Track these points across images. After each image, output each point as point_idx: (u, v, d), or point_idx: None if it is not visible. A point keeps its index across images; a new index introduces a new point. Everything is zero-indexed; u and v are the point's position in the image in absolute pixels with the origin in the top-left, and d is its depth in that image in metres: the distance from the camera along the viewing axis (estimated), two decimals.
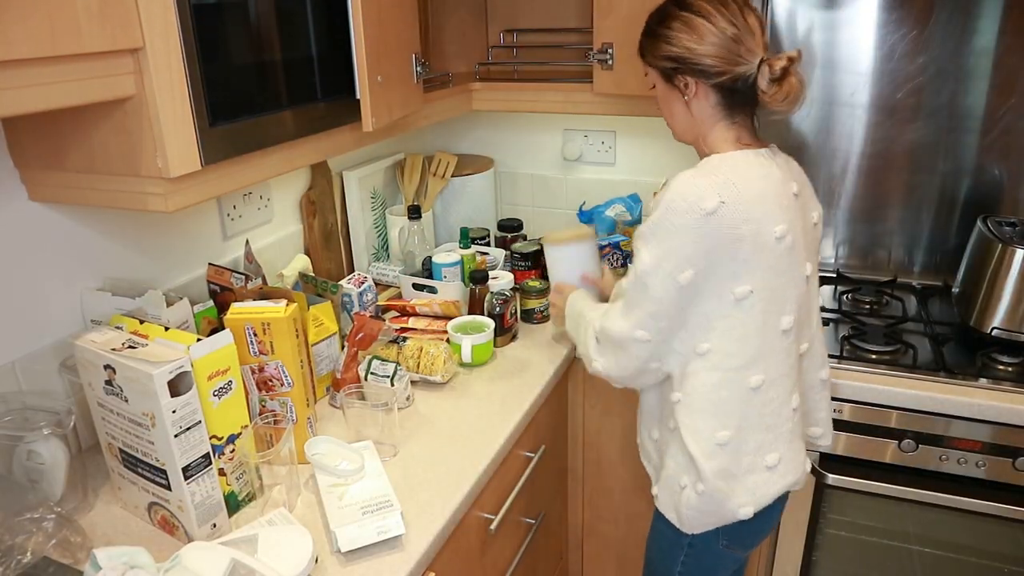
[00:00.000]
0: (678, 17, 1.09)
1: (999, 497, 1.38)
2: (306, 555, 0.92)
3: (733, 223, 1.02)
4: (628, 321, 1.11)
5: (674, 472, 1.16)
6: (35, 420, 1.04)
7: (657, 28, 1.12)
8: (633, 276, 1.09)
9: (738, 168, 1.06)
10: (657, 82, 1.17)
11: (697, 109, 1.13)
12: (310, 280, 1.51)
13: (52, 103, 0.81)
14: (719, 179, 1.03)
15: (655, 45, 1.13)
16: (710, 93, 1.11)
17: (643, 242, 1.07)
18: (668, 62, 1.11)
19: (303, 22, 1.13)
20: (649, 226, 1.07)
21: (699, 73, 1.09)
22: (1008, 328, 1.48)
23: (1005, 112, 1.67)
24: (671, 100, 1.16)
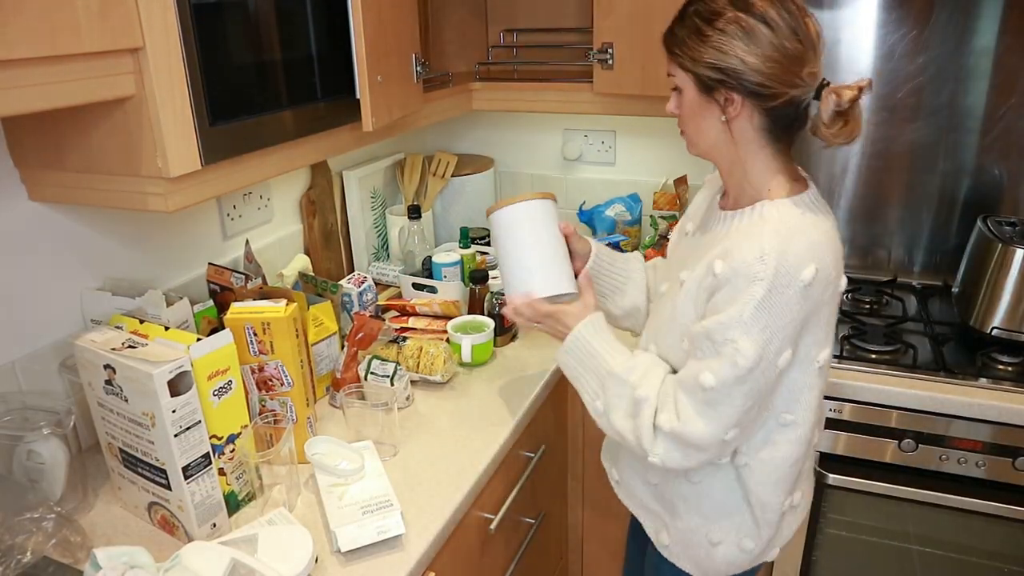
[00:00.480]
0: (734, 19, 0.90)
1: (999, 497, 1.38)
2: (306, 555, 0.92)
3: (823, 290, 0.92)
4: (717, 423, 0.94)
5: (700, 527, 1.08)
6: (35, 420, 1.04)
7: (705, 27, 0.91)
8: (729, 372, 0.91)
9: (818, 225, 0.94)
10: (687, 89, 0.97)
11: (738, 131, 0.96)
12: (310, 280, 1.52)
13: (52, 103, 0.81)
14: (806, 240, 0.91)
15: (698, 48, 0.92)
16: (756, 115, 0.94)
17: (742, 331, 0.89)
18: (713, 72, 0.92)
19: (303, 22, 1.13)
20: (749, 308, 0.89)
21: (749, 92, 0.92)
22: (1008, 328, 1.48)
23: (1005, 112, 1.67)
24: (703, 114, 0.97)
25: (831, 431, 1.48)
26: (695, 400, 0.95)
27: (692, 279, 0.99)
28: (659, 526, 1.16)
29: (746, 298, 0.89)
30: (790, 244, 0.90)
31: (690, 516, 1.09)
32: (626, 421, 1.01)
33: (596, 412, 1.06)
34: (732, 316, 0.90)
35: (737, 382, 0.91)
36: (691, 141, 1.03)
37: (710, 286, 0.95)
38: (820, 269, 0.90)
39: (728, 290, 0.91)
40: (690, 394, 0.95)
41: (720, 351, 0.91)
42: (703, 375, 0.93)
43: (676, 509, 1.11)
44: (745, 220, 0.97)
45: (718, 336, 0.91)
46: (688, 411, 0.95)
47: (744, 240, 0.92)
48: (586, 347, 1.05)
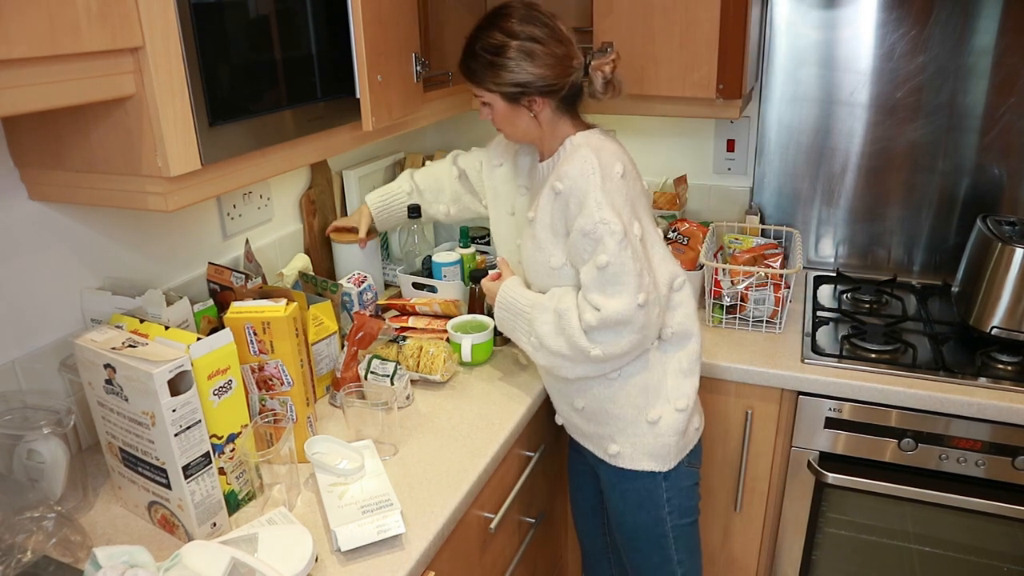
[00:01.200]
0: (516, 47, 1.16)
1: (998, 496, 1.38)
2: (306, 554, 0.92)
3: (634, 181, 1.22)
4: (625, 292, 1.14)
5: (634, 416, 1.25)
6: (35, 419, 1.04)
7: (495, 59, 1.17)
8: (612, 244, 1.12)
9: (611, 140, 1.25)
10: (496, 103, 1.22)
11: (543, 118, 1.23)
12: (310, 279, 1.51)
13: (52, 102, 0.81)
14: (609, 149, 1.20)
15: (496, 74, 1.18)
16: (551, 102, 1.21)
17: (601, 210, 1.13)
18: (513, 87, 1.18)
19: (303, 21, 1.13)
20: (595, 193, 1.13)
21: (544, 92, 1.19)
22: (1007, 327, 1.48)
23: (1004, 111, 1.67)
24: (514, 116, 1.23)
25: (831, 430, 1.48)
26: (601, 285, 1.15)
27: (540, 209, 1.22)
28: (604, 443, 1.30)
29: (590, 188, 1.14)
30: (600, 151, 1.18)
31: (624, 411, 1.26)
32: (558, 337, 1.20)
33: (534, 348, 1.24)
34: (590, 207, 1.14)
35: (620, 247, 1.13)
36: (509, 134, 1.29)
37: (557, 203, 1.19)
38: (625, 166, 1.19)
39: (575, 194, 1.16)
40: (595, 286, 1.15)
41: (597, 235, 1.13)
42: (598, 258, 1.14)
43: (609, 415, 1.26)
44: (562, 153, 1.24)
45: (589, 227, 1.14)
46: (600, 298, 1.15)
47: (567, 160, 1.19)
48: (509, 299, 1.29)
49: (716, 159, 1.94)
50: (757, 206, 1.93)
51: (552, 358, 1.22)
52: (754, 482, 1.60)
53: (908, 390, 1.39)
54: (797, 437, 1.51)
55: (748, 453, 1.57)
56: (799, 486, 1.55)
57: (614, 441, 1.28)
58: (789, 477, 1.55)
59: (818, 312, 1.69)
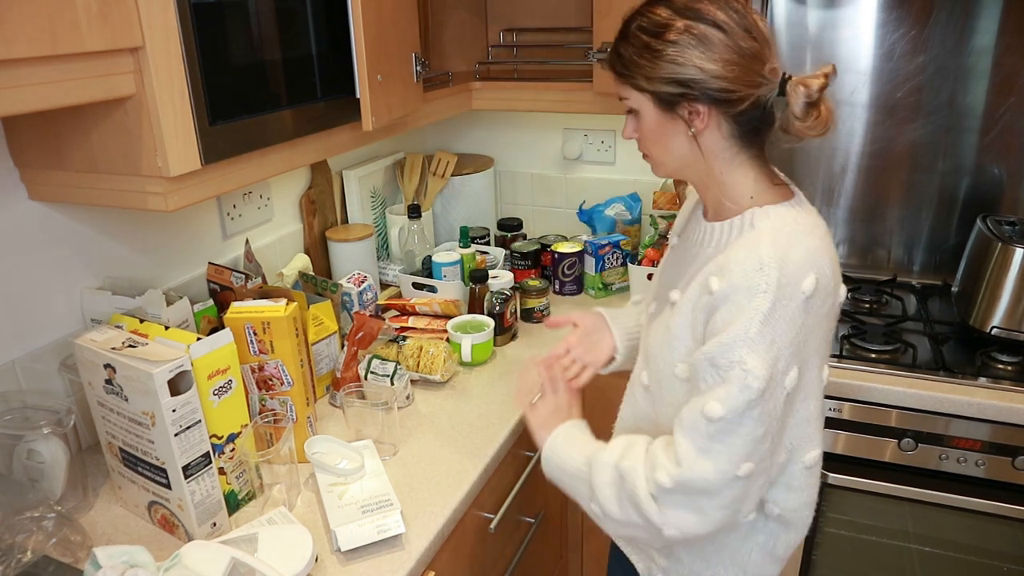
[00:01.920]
0: (684, 28, 0.85)
1: (998, 496, 1.38)
2: (306, 554, 0.92)
3: (823, 301, 0.86)
4: (726, 458, 0.84)
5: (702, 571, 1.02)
6: (35, 419, 1.04)
7: (654, 42, 0.86)
8: (739, 397, 0.82)
9: (814, 230, 0.88)
10: (646, 109, 0.91)
11: (708, 143, 0.90)
12: (310, 279, 1.52)
13: (52, 102, 0.81)
14: (804, 249, 0.85)
15: (652, 64, 0.87)
16: (723, 123, 0.89)
17: (749, 349, 0.81)
18: (672, 86, 0.87)
19: (303, 21, 1.13)
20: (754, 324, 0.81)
21: (714, 100, 0.87)
22: (1008, 327, 1.48)
23: (1004, 111, 1.67)
24: (668, 132, 0.91)
25: (831, 430, 1.48)
26: (698, 437, 0.85)
27: (685, 299, 0.92)
28: (651, 566, 1.07)
29: (750, 313, 0.82)
30: (789, 252, 0.83)
31: (694, 562, 1.01)
32: (621, 504, 0.91)
33: (596, 517, 0.96)
34: (736, 335, 0.82)
35: (748, 407, 0.82)
36: (658, 163, 0.96)
37: (707, 305, 0.87)
38: (820, 278, 0.84)
39: (728, 307, 0.84)
40: (691, 434, 0.86)
41: (726, 376, 0.83)
42: (708, 405, 0.83)
43: (676, 553, 1.03)
44: (734, 231, 0.91)
45: (722, 360, 0.83)
46: (689, 454, 0.85)
47: (739, 251, 0.85)
48: (561, 454, 1.00)
49: None
50: None
51: (622, 529, 0.94)
52: None
53: (908, 390, 1.39)
54: None
55: None
56: None
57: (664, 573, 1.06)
58: None
59: None
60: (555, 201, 2.12)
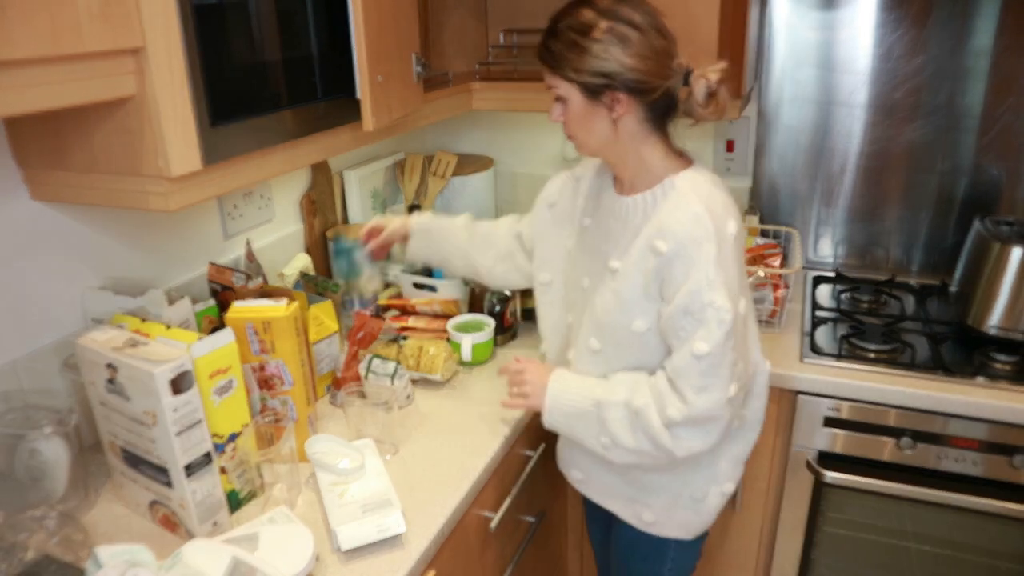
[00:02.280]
0: (608, 28, 0.98)
1: (996, 495, 1.39)
2: (307, 553, 0.92)
3: (741, 241, 1.05)
4: (719, 387, 1.00)
5: (679, 490, 1.17)
6: (37, 419, 1.04)
7: (581, 39, 0.99)
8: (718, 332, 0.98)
9: (719, 186, 1.07)
10: (573, 97, 1.03)
11: (626, 126, 1.04)
12: (311, 279, 1.52)
13: (54, 103, 0.81)
14: (719, 200, 1.03)
15: (580, 59, 1.00)
16: (639, 109, 1.03)
17: (714, 290, 0.97)
18: (597, 78, 1.00)
19: (303, 22, 1.13)
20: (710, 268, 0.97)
21: (631, 90, 1.00)
22: (1006, 327, 1.48)
23: (1003, 112, 1.67)
24: (591, 116, 1.04)
25: (829, 429, 1.48)
26: (693, 376, 1.00)
27: (628, 265, 1.06)
28: (639, 508, 1.21)
29: (704, 260, 0.97)
30: (711, 204, 1.00)
31: (672, 485, 1.17)
32: (633, 436, 1.06)
33: (605, 448, 1.09)
34: (700, 281, 0.97)
35: (726, 338, 0.99)
36: (581, 143, 1.09)
37: (658, 265, 1.02)
38: (736, 222, 1.02)
39: (682, 260, 0.99)
40: (685, 374, 1.01)
41: (702, 318, 0.98)
42: (696, 346, 0.99)
43: (655, 484, 1.17)
44: (657, 197, 1.06)
45: (695, 306, 0.98)
46: (690, 392, 1.01)
47: (673, 212, 1.01)
48: (566, 403, 1.12)
49: (715, 159, 1.95)
50: (756, 206, 1.93)
51: (630, 456, 1.08)
52: (753, 481, 1.61)
53: (906, 389, 1.39)
54: (796, 436, 1.52)
55: None
56: (798, 485, 1.55)
57: (650, 508, 1.20)
58: (788, 476, 1.55)
59: (817, 312, 1.69)
60: None
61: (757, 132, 1.88)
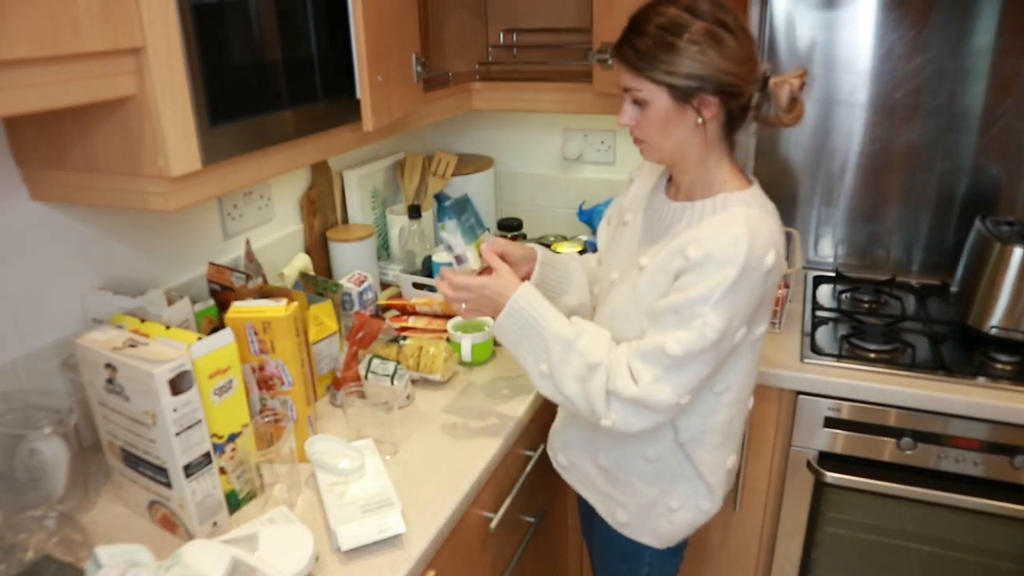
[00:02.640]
0: (703, 29, 0.95)
1: (997, 495, 1.39)
2: (307, 553, 0.92)
3: (778, 275, 1.02)
4: (677, 389, 1.00)
5: (656, 497, 1.17)
6: (37, 419, 1.04)
7: (675, 40, 0.95)
8: (697, 343, 0.97)
9: (774, 215, 1.03)
10: (658, 100, 0.99)
11: (709, 132, 1.02)
12: (311, 279, 1.52)
13: (53, 103, 0.81)
14: (768, 230, 0.99)
15: (672, 59, 0.96)
16: (721, 112, 1.00)
17: (712, 307, 0.96)
18: (692, 80, 0.96)
19: (303, 22, 1.13)
20: (721, 288, 0.96)
21: (724, 93, 0.98)
22: (1006, 327, 1.48)
23: (1003, 112, 1.67)
24: (675, 120, 1.00)
25: (830, 430, 1.48)
26: (657, 367, 1.00)
27: (654, 264, 1.04)
28: (613, 506, 1.21)
29: (718, 279, 0.96)
30: (757, 233, 0.97)
31: (648, 490, 1.16)
32: (575, 385, 1.04)
33: (540, 375, 1.07)
34: (703, 294, 0.96)
35: (702, 352, 0.98)
36: (654, 147, 1.05)
37: (677, 268, 1.01)
38: (778, 256, 1.00)
39: (699, 272, 0.98)
40: (650, 362, 1.00)
41: (688, 324, 0.98)
42: (669, 344, 0.98)
43: (632, 486, 1.17)
44: (708, 210, 1.04)
45: (686, 311, 0.98)
46: (647, 378, 1.00)
47: (715, 228, 0.99)
48: (527, 311, 1.07)
49: None
50: None
51: (557, 396, 1.07)
52: (753, 481, 1.61)
53: (907, 390, 1.39)
54: (796, 436, 1.52)
55: (747, 452, 1.57)
56: (798, 485, 1.55)
57: (625, 510, 1.20)
58: (788, 476, 1.55)
59: (817, 312, 1.69)
60: (555, 201, 2.12)
61: (757, 132, 1.88)
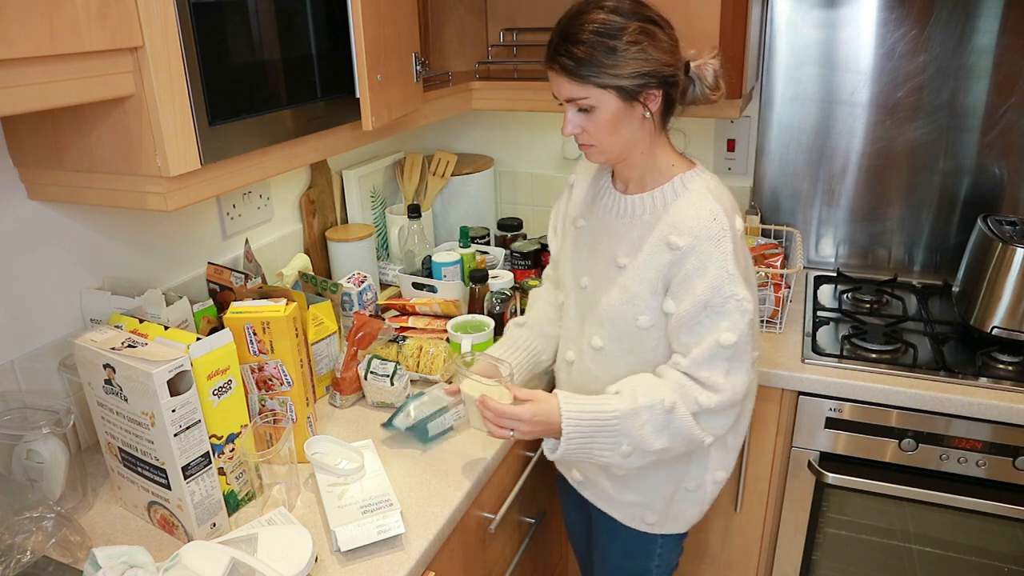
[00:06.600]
0: (639, 28, 0.97)
1: (999, 496, 1.38)
2: (306, 554, 0.92)
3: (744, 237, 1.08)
4: (744, 371, 1.04)
5: (675, 485, 1.18)
6: (35, 419, 1.04)
7: (614, 43, 0.96)
8: (741, 322, 1.01)
9: (723, 185, 1.10)
10: (606, 104, 1.00)
11: (649, 124, 1.04)
12: (310, 279, 1.51)
13: (51, 102, 0.80)
14: (728, 197, 1.07)
15: (618, 63, 0.97)
16: (661, 102, 1.03)
17: (732, 282, 1.00)
18: (638, 79, 0.98)
19: (303, 21, 1.13)
20: (728, 261, 1.00)
21: (666, 83, 1.01)
22: (1008, 327, 1.48)
23: (1005, 111, 1.67)
24: (624, 120, 1.02)
25: (831, 431, 1.48)
26: (721, 364, 1.03)
27: (640, 261, 1.07)
28: (639, 511, 1.21)
29: (721, 255, 1.00)
30: (722, 203, 1.03)
31: (668, 482, 1.18)
32: (661, 437, 1.04)
33: (624, 456, 1.05)
34: (720, 276, 1.00)
35: (749, 327, 1.02)
36: (604, 149, 1.06)
37: (671, 260, 1.03)
38: (740, 220, 1.06)
39: (698, 256, 1.01)
40: (713, 363, 1.03)
41: (724, 309, 1.01)
42: (722, 337, 1.01)
43: (650, 483, 1.17)
44: (667, 195, 1.07)
45: (716, 299, 1.01)
46: (720, 379, 1.03)
47: (688, 209, 1.03)
48: (583, 417, 1.04)
49: (716, 159, 1.94)
50: (757, 206, 1.93)
51: (649, 459, 1.07)
52: (754, 482, 1.60)
53: (909, 390, 1.39)
54: (797, 437, 1.51)
55: (748, 453, 1.57)
56: (799, 486, 1.55)
57: (651, 510, 1.20)
58: (789, 477, 1.55)
59: (818, 312, 1.68)
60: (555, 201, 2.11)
61: (758, 131, 1.88)
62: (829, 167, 1.84)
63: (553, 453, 1.07)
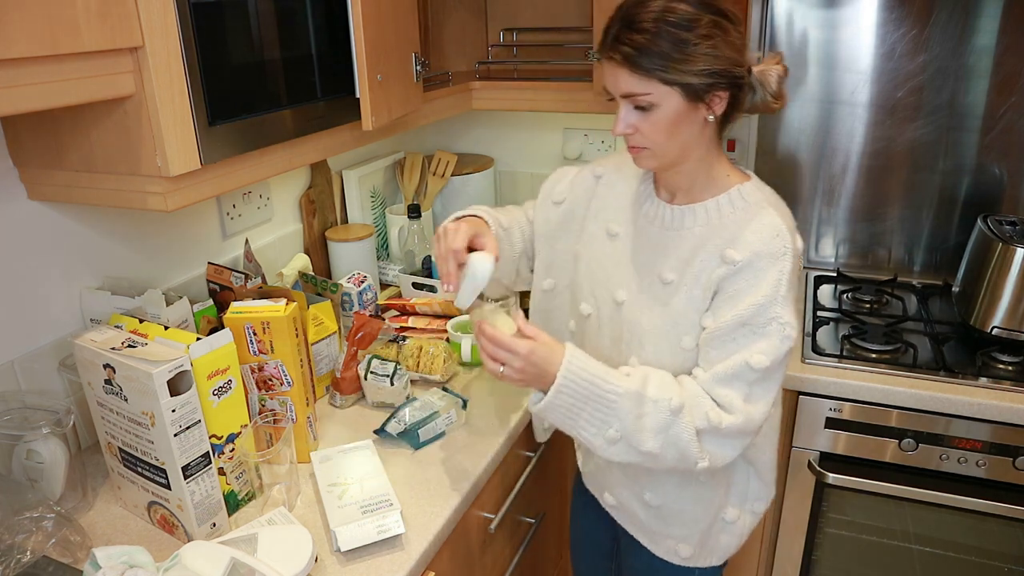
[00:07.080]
0: (711, 22, 0.88)
1: (999, 496, 1.38)
2: (306, 554, 0.92)
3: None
4: (766, 401, 0.95)
5: (713, 517, 1.11)
6: (34, 419, 1.04)
7: (687, 35, 0.87)
8: (780, 348, 0.92)
9: (782, 200, 1.01)
10: (670, 102, 0.91)
11: (709, 129, 0.96)
12: (310, 279, 1.51)
13: (51, 102, 0.80)
14: (788, 214, 0.98)
15: (688, 58, 0.88)
16: (725, 107, 0.94)
17: (781, 305, 0.92)
18: (707, 77, 0.89)
19: (303, 21, 1.13)
20: (783, 283, 0.92)
21: (736, 84, 0.93)
22: (1008, 327, 1.48)
23: (1005, 111, 1.67)
24: (685, 122, 0.92)
25: (831, 431, 1.48)
26: (743, 386, 0.93)
27: (688, 277, 0.98)
28: (673, 543, 1.14)
29: (776, 274, 0.92)
30: (785, 218, 0.96)
31: (704, 514, 1.11)
32: (656, 438, 0.94)
33: (609, 441, 0.96)
34: (768, 295, 0.92)
35: (786, 355, 0.94)
36: (659, 153, 0.96)
37: (722, 276, 0.95)
38: (800, 239, 0.98)
39: (752, 272, 0.93)
40: (735, 384, 0.93)
41: (764, 331, 0.92)
42: (754, 358, 0.92)
43: (687, 515, 1.11)
44: (724, 207, 0.98)
45: (758, 319, 0.92)
46: (738, 401, 0.93)
47: (750, 223, 0.95)
48: (581, 376, 0.94)
49: None
50: None
51: (631, 457, 0.97)
52: None
53: (909, 390, 1.39)
54: (797, 437, 1.51)
55: None
56: (799, 486, 1.55)
57: (687, 543, 1.13)
58: (789, 477, 1.55)
59: (818, 312, 1.68)
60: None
61: (758, 131, 1.88)
62: (829, 167, 1.84)
63: (536, 405, 0.97)
